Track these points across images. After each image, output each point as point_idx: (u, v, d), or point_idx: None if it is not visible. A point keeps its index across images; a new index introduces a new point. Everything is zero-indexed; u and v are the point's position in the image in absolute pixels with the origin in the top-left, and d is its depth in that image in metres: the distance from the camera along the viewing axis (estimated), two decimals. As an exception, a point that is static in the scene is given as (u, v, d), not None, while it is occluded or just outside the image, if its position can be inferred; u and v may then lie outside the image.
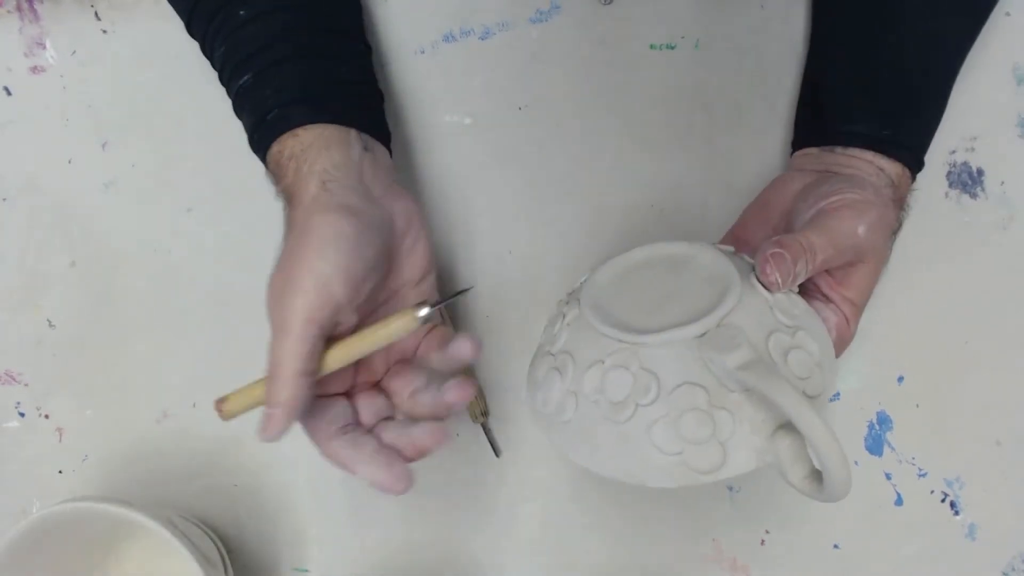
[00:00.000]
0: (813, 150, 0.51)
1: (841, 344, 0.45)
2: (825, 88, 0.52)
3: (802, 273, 0.41)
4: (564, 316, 0.44)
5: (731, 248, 0.45)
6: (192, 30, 0.50)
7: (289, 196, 0.44)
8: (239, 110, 0.47)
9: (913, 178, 0.50)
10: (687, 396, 0.38)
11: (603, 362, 0.40)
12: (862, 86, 0.49)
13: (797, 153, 0.52)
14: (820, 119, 0.51)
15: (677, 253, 0.44)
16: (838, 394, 0.56)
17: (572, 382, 0.41)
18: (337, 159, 0.43)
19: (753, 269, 0.42)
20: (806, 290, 0.45)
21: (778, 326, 0.40)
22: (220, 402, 0.43)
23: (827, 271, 0.44)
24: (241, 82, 0.46)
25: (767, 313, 0.41)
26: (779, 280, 0.40)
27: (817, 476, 0.38)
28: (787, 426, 0.38)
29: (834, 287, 0.45)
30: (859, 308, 0.45)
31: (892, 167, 0.48)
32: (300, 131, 0.44)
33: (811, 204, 0.45)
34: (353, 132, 0.45)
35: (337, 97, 0.46)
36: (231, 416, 0.44)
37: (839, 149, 0.49)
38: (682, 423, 0.38)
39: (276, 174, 0.45)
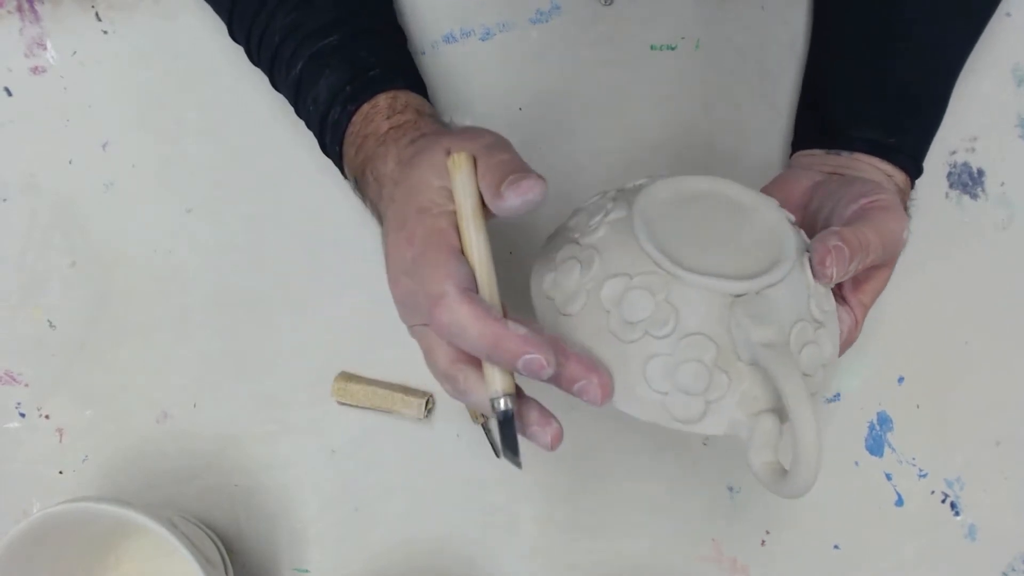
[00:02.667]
0: (818, 151, 0.50)
1: (845, 346, 0.45)
2: (830, 91, 0.52)
3: (853, 270, 0.40)
4: (607, 211, 0.41)
5: (792, 217, 0.43)
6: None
7: (417, 130, 0.45)
8: (322, 66, 0.48)
9: (912, 185, 0.50)
10: (697, 346, 0.38)
11: (631, 277, 0.39)
12: (869, 92, 0.49)
13: (800, 153, 0.52)
14: (824, 121, 0.51)
15: (744, 200, 0.42)
16: (838, 395, 0.56)
17: (591, 281, 0.39)
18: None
19: (807, 249, 0.41)
20: None
21: (807, 316, 0.40)
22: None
23: None
24: (325, 43, 0.48)
25: (804, 299, 0.40)
26: (834, 274, 0.40)
27: (778, 468, 0.38)
28: (772, 411, 0.38)
29: (852, 290, 0.45)
30: (867, 311, 0.46)
31: (898, 174, 0.48)
32: (402, 93, 0.47)
33: (848, 201, 0.44)
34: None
35: (417, 73, 0.51)
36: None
37: (845, 154, 0.49)
38: (681, 369, 0.38)
39: (374, 119, 0.46)
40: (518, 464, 0.40)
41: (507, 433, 0.39)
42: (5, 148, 0.58)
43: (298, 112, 0.51)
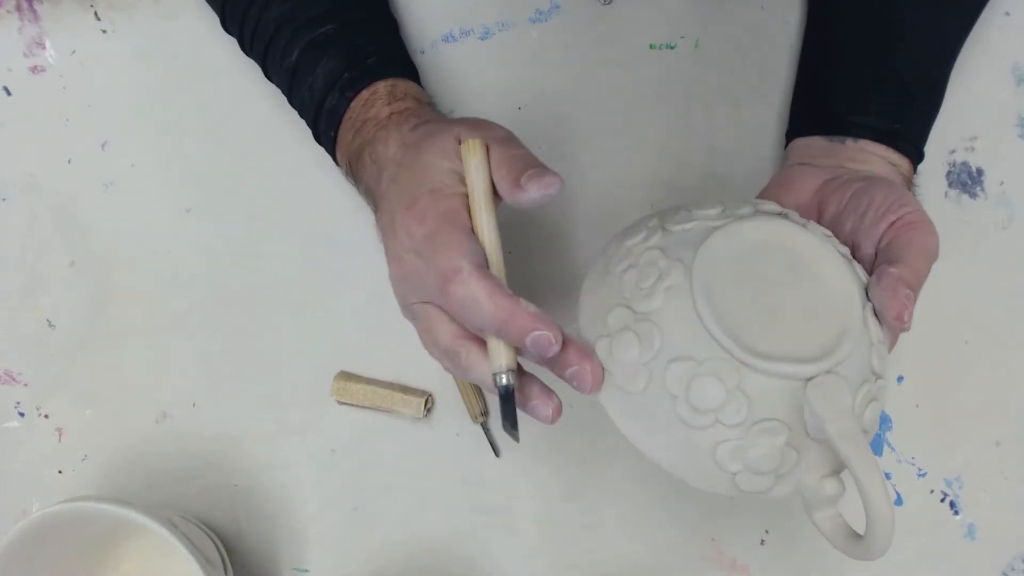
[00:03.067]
0: (818, 140, 0.50)
1: None
2: (829, 79, 0.51)
3: None
4: (663, 275, 0.39)
5: (847, 250, 0.42)
6: None
7: (418, 117, 0.46)
8: (319, 54, 0.48)
9: (914, 171, 0.50)
10: (770, 432, 0.38)
11: (699, 363, 0.38)
12: (869, 79, 0.49)
13: (798, 142, 0.51)
14: (824, 108, 0.50)
15: (803, 250, 0.40)
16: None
17: (654, 360, 0.38)
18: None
19: (868, 296, 0.40)
20: None
21: (870, 375, 0.40)
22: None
23: None
24: (322, 31, 0.48)
25: (867, 357, 0.40)
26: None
27: (842, 524, 0.39)
28: (835, 474, 0.39)
29: None
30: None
31: (902, 162, 0.48)
32: (400, 81, 0.48)
33: (875, 218, 0.43)
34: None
35: (411, 62, 0.52)
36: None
37: (849, 141, 0.48)
38: (753, 453, 0.38)
39: (374, 104, 0.47)
40: (516, 438, 0.41)
41: (507, 407, 0.40)
42: (5, 148, 0.58)
43: (291, 100, 0.51)
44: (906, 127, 0.48)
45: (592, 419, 0.54)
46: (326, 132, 0.49)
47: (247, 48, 0.53)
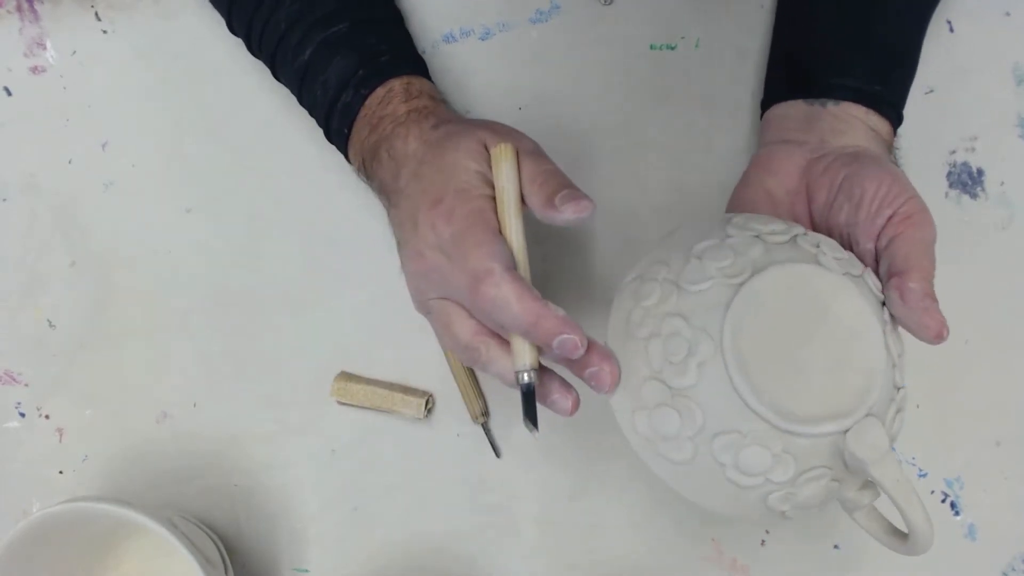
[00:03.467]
0: (798, 106, 0.49)
1: None
2: (808, 42, 0.51)
3: None
4: (692, 349, 0.40)
5: (859, 268, 0.43)
6: None
7: (437, 116, 0.47)
8: (331, 52, 0.48)
9: (894, 135, 0.49)
10: (815, 478, 0.40)
11: (743, 435, 0.39)
12: (852, 42, 0.49)
13: (775, 111, 0.51)
14: (803, 71, 0.50)
15: (820, 293, 0.41)
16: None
17: (699, 435, 0.40)
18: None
19: (884, 306, 0.42)
20: None
21: (895, 393, 0.42)
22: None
23: None
24: (334, 30, 0.48)
25: (891, 377, 0.41)
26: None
27: (883, 522, 0.44)
28: (870, 485, 0.42)
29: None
30: None
31: (881, 124, 0.48)
32: (415, 79, 0.49)
33: (870, 213, 0.43)
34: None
35: (422, 60, 0.52)
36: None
37: (831, 104, 0.48)
38: (801, 495, 0.40)
39: (391, 102, 0.48)
40: (535, 432, 0.42)
41: (529, 404, 0.41)
42: (5, 148, 0.58)
43: (301, 99, 0.51)
44: (887, 89, 0.48)
45: (592, 420, 0.54)
46: (339, 130, 0.49)
47: (255, 49, 0.53)
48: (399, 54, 0.50)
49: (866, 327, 0.41)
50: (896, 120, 0.49)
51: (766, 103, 0.52)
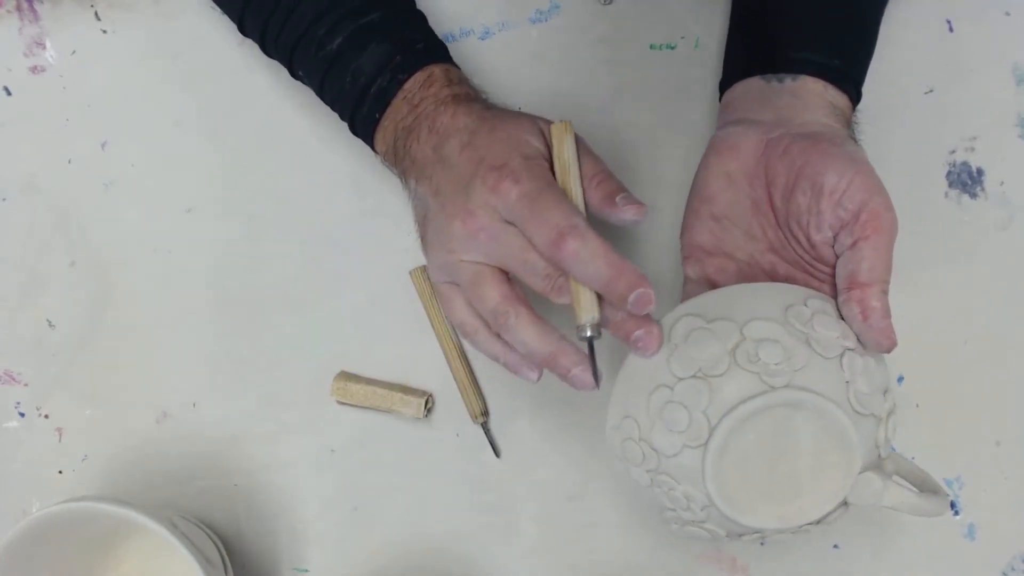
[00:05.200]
0: (756, 82, 0.49)
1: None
2: (771, 17, 0.50)
3: None
4: (689, 505, 0.43)
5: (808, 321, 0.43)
6: None
7: (483, 103, 0.49)
8: (365, 40, 0.49)
9: (853, 111, 0.49)
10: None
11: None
12: (811, 15, 0.49)
13: (734, 90, 0.50)
14: (764, 47, 0.49)
15: (777, 420, 0.41)
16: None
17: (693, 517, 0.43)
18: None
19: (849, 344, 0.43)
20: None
21: (883, 413, 0.43)
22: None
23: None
24: (366, 20, 0.49)
25: (873, 431, 0.43)
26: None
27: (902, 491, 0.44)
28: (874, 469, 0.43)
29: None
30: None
31: (840, 99, 0.48)
32: (452, 68, 0.50)
33: (833, 202, 0.43)
34: None
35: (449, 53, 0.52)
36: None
37: (788, 79, 0.47)
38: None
39: (433, 85, 0.48)
40: (598, 384, 0.43)
41: (593, 356, 0.42)
42: (5, 148, 0.58)
43: (322, 91, 0.51)
44: (845, 63, 0.48)
45: (592, 419, 0.54)
46: (369, 115, 0.49)
47: (270, 48, 0.52)
48: (432, 44, 0.50)
49: (841, 441, 0.41)
50: (855, 96, 0.49)
51: (724, 84, 0.52)
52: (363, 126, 0.50)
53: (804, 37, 0.48)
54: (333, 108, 0.51)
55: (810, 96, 0.47)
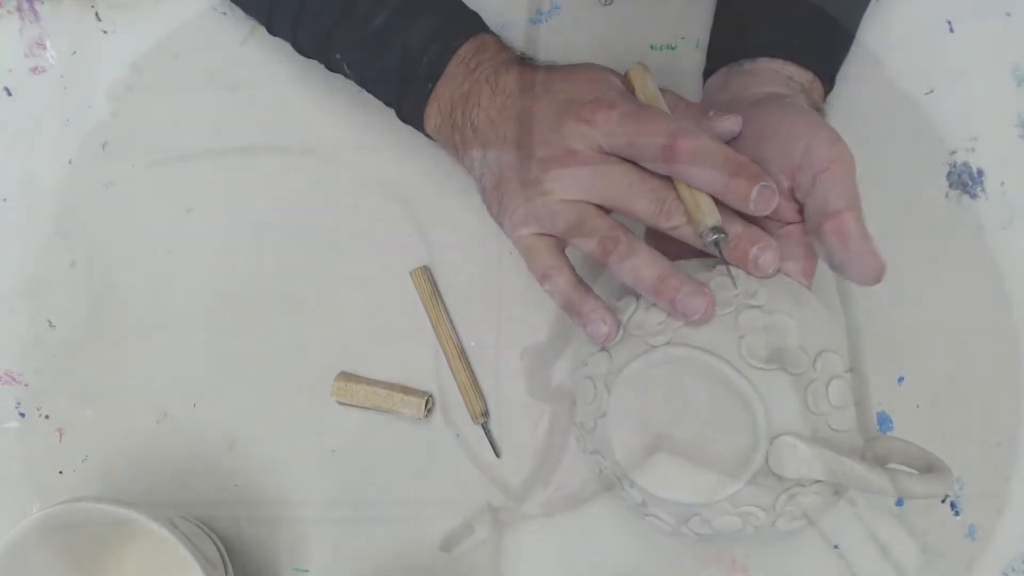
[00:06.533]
0: (721, 73, 0.50)
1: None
2: (740, 13, 0.51)
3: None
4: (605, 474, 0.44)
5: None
6: None
7: (532, 60, 0.49)
8: (412, 14, 0.48)
9: (826, 93, 0.49)
10: (726, 512, 0.42)
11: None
12: (780, 5, 0.49)
13: (707, 83, 0.51)
14: (726, 39, 0.50)
15: (670, 358, 0.41)
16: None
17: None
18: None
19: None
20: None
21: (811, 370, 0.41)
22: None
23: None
24: None
25: (805, 408, 0.41)
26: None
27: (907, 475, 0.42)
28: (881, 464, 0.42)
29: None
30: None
31: (801, 74, 0.48)
32: (503, 38, 0.50)
33: (783, 144, 0.42)
34: None
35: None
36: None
37: (747, 62, 0.48)
38: (718, 522, 0.43)
39: (487, 50, 0.48)
40: (735, 284, 0.41)
41: (722, 259, 0.42)
42: (5, 148, 0.58)
43: (366, 73, 0.50)
44: (807, 43, 0.48)
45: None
46: (421, 87, 0.48)
47: (303, 37, 0.51)
48: (476, 17, 0.50)
49: (731, 402, 0.40)
50: (824, 74, 0.49)
51: (704, 76, 0.52)
52: (414, 100, 0.49)
53: (764, 24, 0.49)
54: (376, 90, 0.51)
55: (765, 73, 0.48)
